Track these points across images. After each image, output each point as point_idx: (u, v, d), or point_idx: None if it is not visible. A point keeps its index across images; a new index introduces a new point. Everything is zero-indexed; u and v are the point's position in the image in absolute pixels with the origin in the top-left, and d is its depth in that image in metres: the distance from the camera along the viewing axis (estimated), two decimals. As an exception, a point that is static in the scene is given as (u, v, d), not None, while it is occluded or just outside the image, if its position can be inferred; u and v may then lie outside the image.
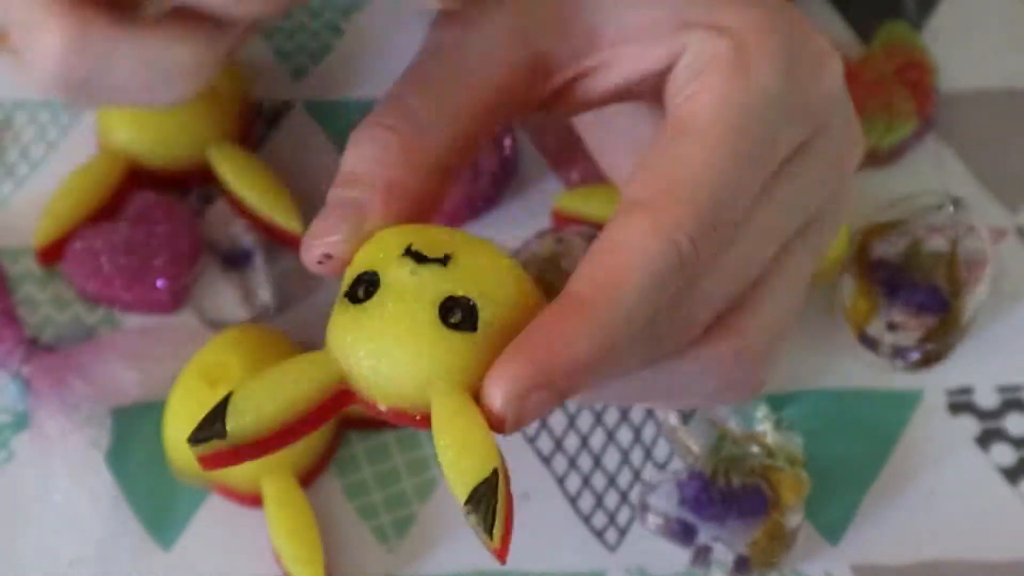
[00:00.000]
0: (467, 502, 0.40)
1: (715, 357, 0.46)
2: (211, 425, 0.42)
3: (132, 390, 0.57)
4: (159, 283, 0.59)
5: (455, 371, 0.42)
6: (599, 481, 0.57)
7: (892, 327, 0.59)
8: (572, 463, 0.57)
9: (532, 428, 0.58)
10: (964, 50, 0.66)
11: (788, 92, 0.45)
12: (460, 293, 0.43)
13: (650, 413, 0.58)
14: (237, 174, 0.61)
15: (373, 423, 0.57)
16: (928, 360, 0.59)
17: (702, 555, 0.54)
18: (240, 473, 0.54)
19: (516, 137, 0.62)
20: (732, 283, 0.46)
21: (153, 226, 0.60)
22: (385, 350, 0.43)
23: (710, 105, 0.44)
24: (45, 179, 0.62)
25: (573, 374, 0.41)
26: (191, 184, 0.62)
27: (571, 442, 0.58)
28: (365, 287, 0.44)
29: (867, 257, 0.60)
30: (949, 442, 0.58)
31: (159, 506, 0.56)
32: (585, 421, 0.58)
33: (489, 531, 0.40)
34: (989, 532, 0.56)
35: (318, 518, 0.54)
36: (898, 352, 0.59)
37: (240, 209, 0.61)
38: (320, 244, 0.45)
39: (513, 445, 0.57)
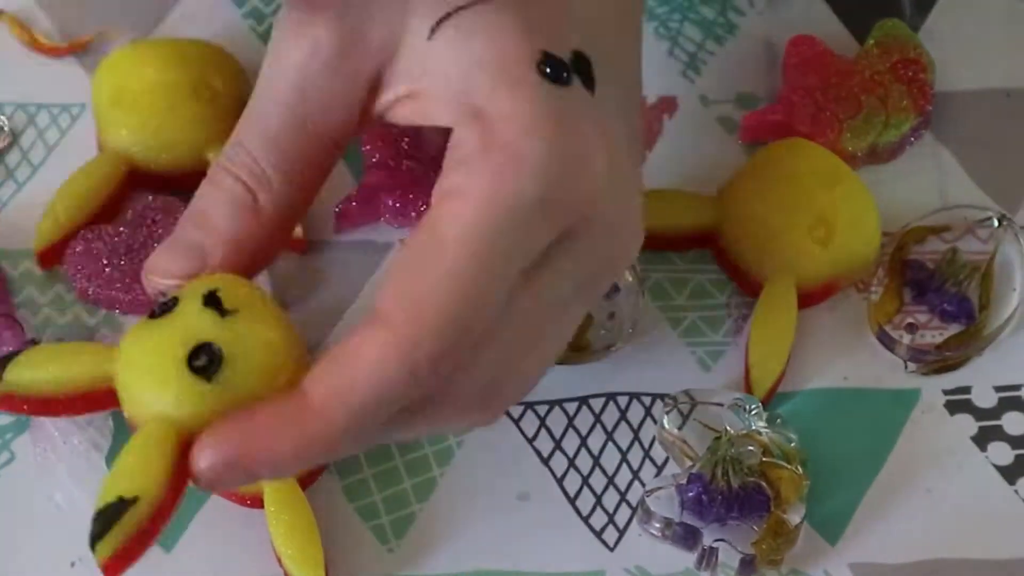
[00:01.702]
0: (94, 515, 0.46)
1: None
2: None
3: (133, 391, 0.57)
4: (159, 285, 0.59)
5: (184, 411, 0.46)
6: (598, 481, 0.57)
7: (911, 328, 0.59)
8: (571, 463, 0.57)
9: (531, 428, 0.58)
10: (961, 51, 0.66)
11: (544, 194, 0.44)
12: (217, 344, 0.47)
13: (648, 414, 0.58)
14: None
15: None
16: (942, 367, 0.59)
17: (708, 558, 0.54)
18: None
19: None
20: (490, 372, 0.46)
21: (153, 228, 0.60)
22: (136, 371, 0.48)
23: (461, 212, 0.44)
24: (46, 181, 0.62)
25: (273, 467, 0.45)
26: (191, 186, 0.61)
27: (570, 442, 0.58)
28: (162, 306, 0.48)
29: (903, 257, 0.60)
30: (947, 441, 0.58)
31: (160, 507, 0.56)
32: (584, 421, 0.58)
33: (93, 544, 0.45)
34: (986, 531, 0.56)
35: (318, 519, 0.54)
36: (914, 354, 0.59)
37: (240, 210, 0.61)
38: (159, 283, 0.50)
39: (513, 445, 0.58)
